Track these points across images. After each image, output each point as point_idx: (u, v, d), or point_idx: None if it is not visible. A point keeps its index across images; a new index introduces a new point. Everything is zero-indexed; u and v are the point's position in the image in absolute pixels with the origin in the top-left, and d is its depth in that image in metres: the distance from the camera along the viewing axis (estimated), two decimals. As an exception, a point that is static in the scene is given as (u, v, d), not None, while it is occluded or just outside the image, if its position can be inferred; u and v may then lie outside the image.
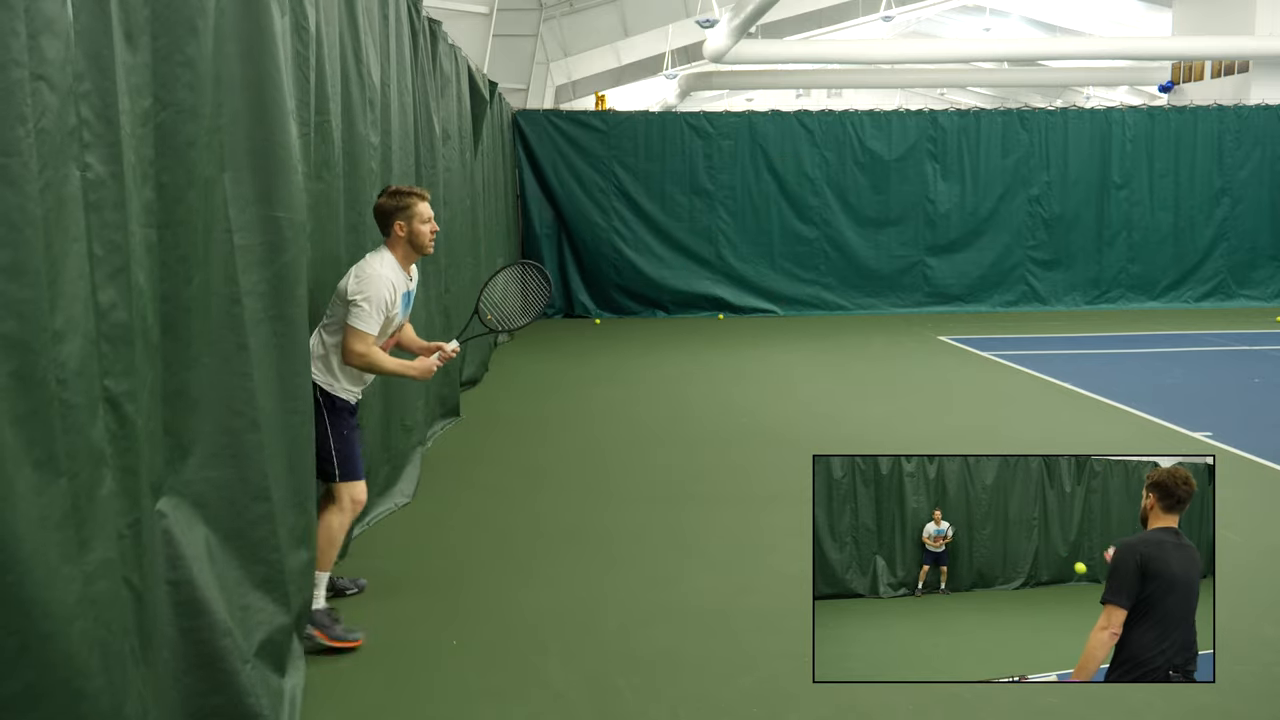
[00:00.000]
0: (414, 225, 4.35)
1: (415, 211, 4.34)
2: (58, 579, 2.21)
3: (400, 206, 4.33)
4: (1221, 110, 15.73)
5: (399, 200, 4.34)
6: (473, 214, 9.61)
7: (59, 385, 2.23)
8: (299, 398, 3.72)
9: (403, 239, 4.35)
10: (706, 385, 9.74)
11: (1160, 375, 10.23)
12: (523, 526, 5.68)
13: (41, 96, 2.17)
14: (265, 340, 3.51)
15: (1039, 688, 3.65)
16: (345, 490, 4.28)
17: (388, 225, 4.36)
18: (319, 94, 4.26)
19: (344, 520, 4.28)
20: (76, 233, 2.32)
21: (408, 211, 4.33)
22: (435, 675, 3.91)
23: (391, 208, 4.34)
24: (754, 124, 15.30)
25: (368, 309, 4.14)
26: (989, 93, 40.89)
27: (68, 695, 2.24)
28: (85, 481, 2.35)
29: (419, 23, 7.03)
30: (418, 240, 4.37)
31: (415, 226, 4.35)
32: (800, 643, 4.04)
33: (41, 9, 2.17)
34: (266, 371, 3.50)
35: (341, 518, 4.27)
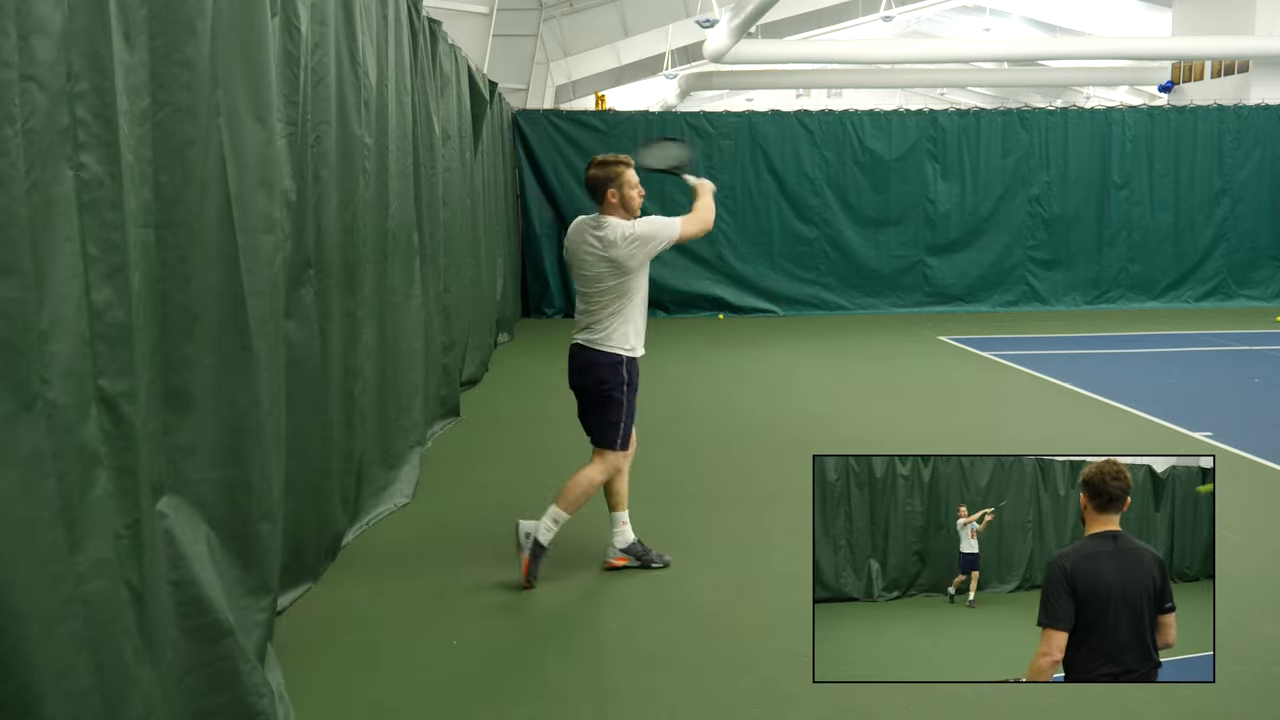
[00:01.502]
0: (625, 191, 4.67)
1: (625, 179, 4.67)
2: (45, 580, 2.20)
3: (611, 176, 4.65)
4: (1221, 110, 15.72)
5: (608, 170, 4.66)
6: (473, 214, 9.61)
7: (44, 385, 2.22)
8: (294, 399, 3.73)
9: (615, 205, 4.68)
10: (706, 385, 9.74)
11: (1160, 375, 10.23)
12: (522, 527, 5.67)
13: (31, 96, 2.17)
14: (267, 341, 3.51)
15: (1038, 688, 3.65)
16: (618, 457, 4.79)
17: (601, 193, 4.68)
18: (307, 93, 4.25)
19: (599, 482, 4.76)
20: (68, 232, 2.32)
21: (619, 180, 4.65)
22: (435, 675, 3.91)
23: (603, 177, 4.66)
24: (754, 124, 15.30)
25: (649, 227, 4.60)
26: (989, 93, 40.88)
27: (58, 696, 2.23)
28: (76, 481, 2.34)
29: (419, 23, 7.02)
30: (629, 204, 4.69)
31: (626, 192, 4.67)
32: (800, 643, 4.04)
33: (32, 10, 2.17)
34: (268, 372, 3.51)
35: (600, 478, 4.75)
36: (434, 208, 7.46)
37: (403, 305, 6.32)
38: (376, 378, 5.75)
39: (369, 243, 5.51)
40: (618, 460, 4.83)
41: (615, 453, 4.79)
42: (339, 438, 4.95)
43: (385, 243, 5.93)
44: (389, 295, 6.02)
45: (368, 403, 5.54)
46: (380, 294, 5.83)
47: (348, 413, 5.13)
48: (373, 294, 5.64)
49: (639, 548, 4.96)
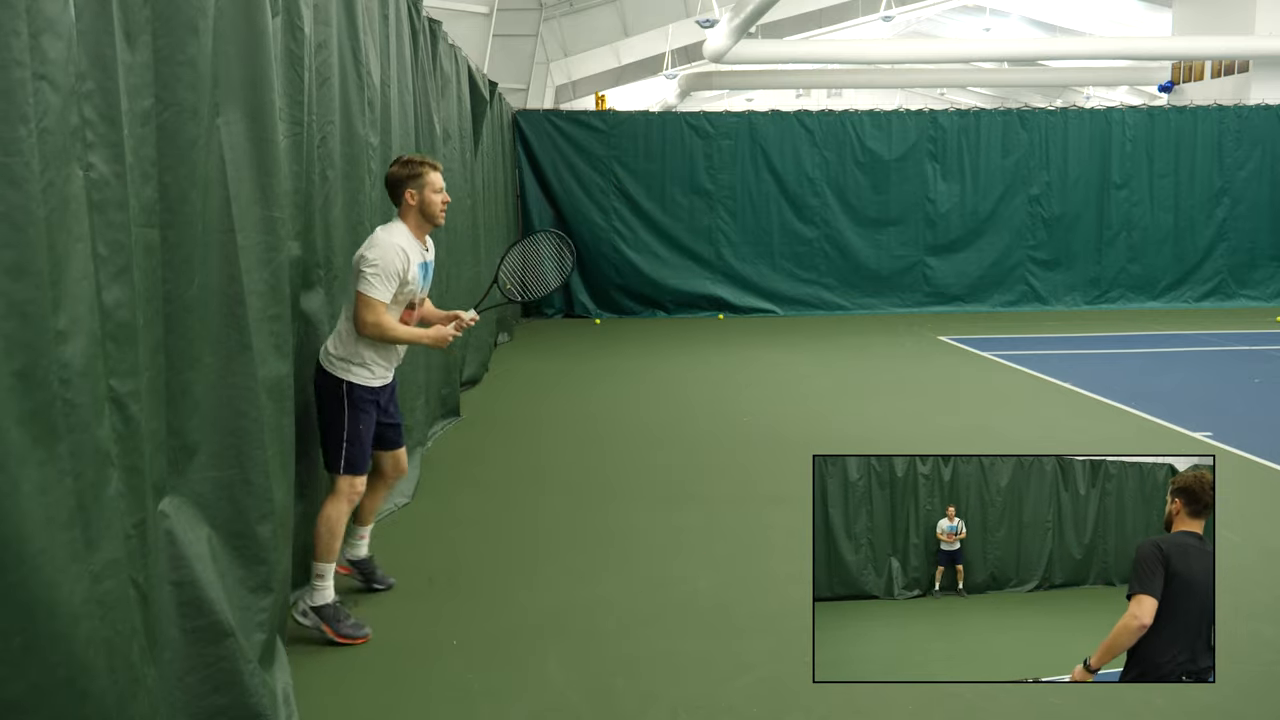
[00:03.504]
0: (425, 194, 4.29)
1: (427, 180, 4.29)
2: (64, 579, 2.21)
3: (411, 175, 4.28)
4: (1221, 110, 15.73)
5: (410, 169, 4.30)
6: (473, 214, 9.61)
7: (62, 385, 2.23)
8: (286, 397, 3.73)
9: (414, 208, 4.30)
10: (706, 385, 9.74)
11: (1160, 375, 10.23)
12: (523, 526, 5.68)
13: (44, 96, 2.17)
14: (266, 340, 3.52)
15: (1041, 687, 3.66)
16: (346, 483, 4.25)
17: (399, 194, 4.31)
18: (311, 93, 4.25)
19: (343, 511, 4.25)
20: (80, 232, 2.32)
21: (419, 180, 4.28)
22: (435, 675, 3.91)
23: (402, 176, 4.29)
24: (754, 124, 15.30)
25: (378, 276, 4.10)
26: (989, 93, 40.89)
27: (72, 695, 2.24)
28: (91, 481, 2.35)
29: (419, 23, 7.03)
30: (429, 210, 4.30)
31: (427, 195, 4.29)
32: (800, 643, 4.05)
33: (43, 9, 2.17)
34: (266, 371, 3.51)
35: (340, 508, 4.23)
36: (434, 207, 7.45)
37: (402, 305, 6.32)
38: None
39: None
40: None
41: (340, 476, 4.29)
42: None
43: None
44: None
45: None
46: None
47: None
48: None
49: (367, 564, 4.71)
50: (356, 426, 4.23)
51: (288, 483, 3.75)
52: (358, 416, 4.23)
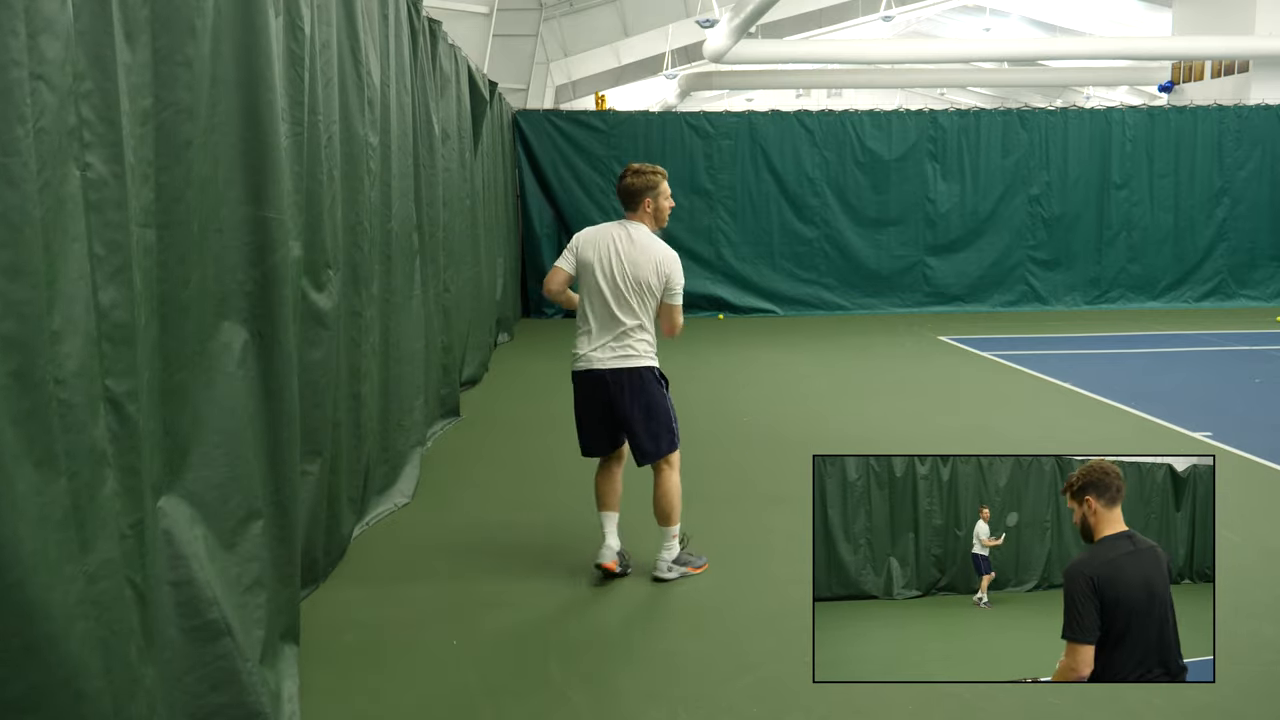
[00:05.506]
0: (660, 202, 4.73)
1: (661, 190, 4.73)
2: (59, 579, 2.21)
3: (650, 185, 4.69)
4: (1221, 110, 15.73)
5: (646, 179, 4.70)
6: (473, 214, 9.61)
7: (57, 385, 2.23)
8: (284, 398, 3.72)
9: (650, 214, 4.74)
10: (706, 385, 9.74)
11: (1160, 375, 10.23)
12: (523, 526, 5.68)
13: (41, 96, 2.17)
14: (251, 340, 3.51)
15: (1039, 688, 3.65)
16: (677, 454, 4.80)
17: (636, 202, 4.72)
18: (312, 93, 4.25)
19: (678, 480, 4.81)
20: (76, 232, 2.32)
21: (656, 190, 4.71)
22: (435, 675, 3.91)
23: (641, 186, 4.70)
24: (754, 124, 15.30)
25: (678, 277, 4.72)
26: (989, 93, 40.88)
27: (69, 696, 2.24)
28: (87, 481, 2.35)
29: (419, 23, 7.03)
30: (661, 215, 4.76)
31: (661, 203, 4.74)
32: (800, 643, 4.04)
33: (40, 8, 2.17)
34: (252, 370, 3.51)
35: (677, 477, 4.80)
36: (434, 208, 7.46)
37: (403, 305, 6.33)
38: (380, 378, 5.76)
39: (374, 243, 5.52)
40: None
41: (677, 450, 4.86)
42: (347, 439, 4.95)
43: (389, 243, 5.94)
44: (390, 295, 6.03)
45: (375, 404, 5.55)
46: (383, 294, 5.84)
47: (355, 414, 5.13)
48: (377, 294, 5.65)
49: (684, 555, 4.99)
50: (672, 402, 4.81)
51: (279, 481, 3.75)
52: None
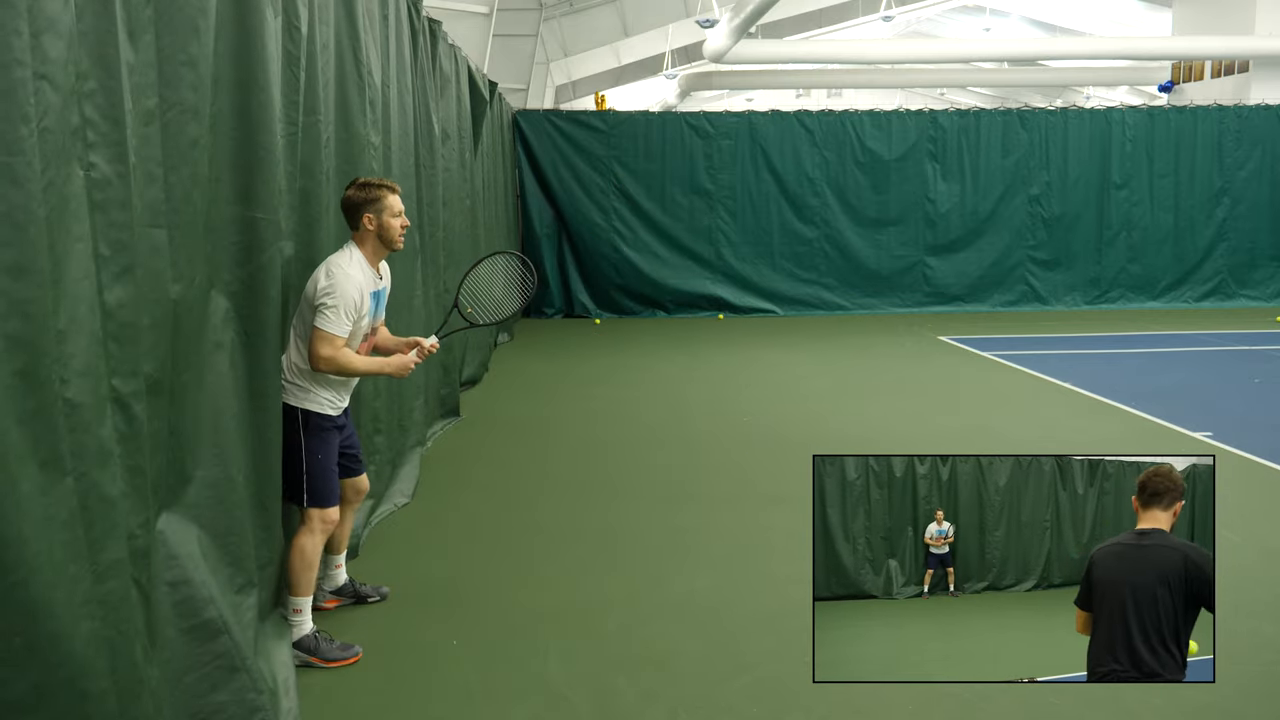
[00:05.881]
0: (383, 219, 4.10)
1: (385, 204, 4.10)
2: (64, 579, 2.21)
3: (369, 199, 4.08)
4: (1221, 110, 15.73)
5: (367, 192, 4.09)
6: (473, 214, 9.61)
7: (63, 384, 2.23)
8: (268, 396, 3.72)
9: (372, 233, 4.11)
10: (706, 385, 9.74)
11: (1160, 375, 10.23)
12: (522, 526, 5.68)
13: (44, 96, 2.17)
14: (238, 339, 3.52)
15: (1038, 687, 3.66)
16: (315, 515, 4.06)
17: (356, 218, 4.11)
18: (309, 94, 4.25)
19: (316, 543, 4.07)
20: (80, 232, 2.33)
21: (377, 204, 4.08)
22: (435, 675, 3.91)
23: (360, 200, 4.09)
24: (754, 124, 15.30)
25: (337, 310, 3.92)
26: (989, 93, 40.89)
27: (73, 696, 2.24)
28: (94, 481, 2.35)
29: (419, 23, 7.03)
30: (387, 235, 4.12)
31: (385, 220, 4.10)
32: (800, 643, 4.05)
33: (43, 8, 2.17)
34: (240, 370, 3.52)
35: (312, 540, 4.05)
36: (434, 208, 7.47)
37: (404, 305, 6.33)
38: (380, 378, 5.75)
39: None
40: None
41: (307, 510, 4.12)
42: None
43: (389, 243, 5.93)
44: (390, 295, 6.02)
45: (375, 404, 5.55)
46: (382, 294, 5.84)
47: (358, 414, 5.13)
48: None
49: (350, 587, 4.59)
50: (316, 456, 4.04)
51: (272, 481, 3.76)
52: (317, 445, 4.04)
